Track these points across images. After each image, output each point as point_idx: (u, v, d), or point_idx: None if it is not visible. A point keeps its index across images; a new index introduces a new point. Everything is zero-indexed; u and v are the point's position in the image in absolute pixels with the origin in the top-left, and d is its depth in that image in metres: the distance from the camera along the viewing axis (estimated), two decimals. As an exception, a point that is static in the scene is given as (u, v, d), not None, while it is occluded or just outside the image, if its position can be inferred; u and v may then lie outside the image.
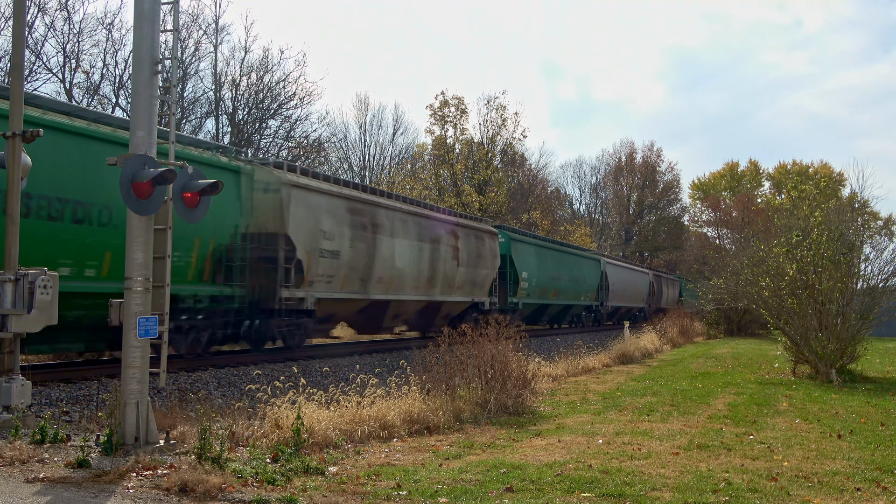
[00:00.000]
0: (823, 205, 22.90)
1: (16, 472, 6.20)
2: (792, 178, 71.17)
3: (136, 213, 7.04)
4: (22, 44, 8.40)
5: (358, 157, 49.11)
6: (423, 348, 11.39)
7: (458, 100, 44.95)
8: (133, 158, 6.95)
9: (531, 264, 29.94)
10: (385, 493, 6.06)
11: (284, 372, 13.57)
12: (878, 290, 17.14)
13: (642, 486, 6.36)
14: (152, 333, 7.16)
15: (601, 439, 8.72)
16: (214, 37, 33.82)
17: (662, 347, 27.20)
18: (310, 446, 7.66)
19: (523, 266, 29.03)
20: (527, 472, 6.85)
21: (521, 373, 11.43)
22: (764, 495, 6.20)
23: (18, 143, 8.07)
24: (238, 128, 34.22)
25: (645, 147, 73.28)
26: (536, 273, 30.28)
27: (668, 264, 66.91)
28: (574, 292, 35.72)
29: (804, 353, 16.54)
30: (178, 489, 5.78)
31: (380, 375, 10.78)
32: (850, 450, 8.31)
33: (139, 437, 7.02)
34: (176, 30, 8.06)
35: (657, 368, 19.50)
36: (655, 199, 69.63)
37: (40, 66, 27.62)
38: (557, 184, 68.86)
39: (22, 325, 7.76)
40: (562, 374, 16.95)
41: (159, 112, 7.55)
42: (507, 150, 48.10)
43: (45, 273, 7.92)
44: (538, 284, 30.53)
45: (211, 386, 12.52)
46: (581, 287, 36.81)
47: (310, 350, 18.14)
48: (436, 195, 43.79)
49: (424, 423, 9.30)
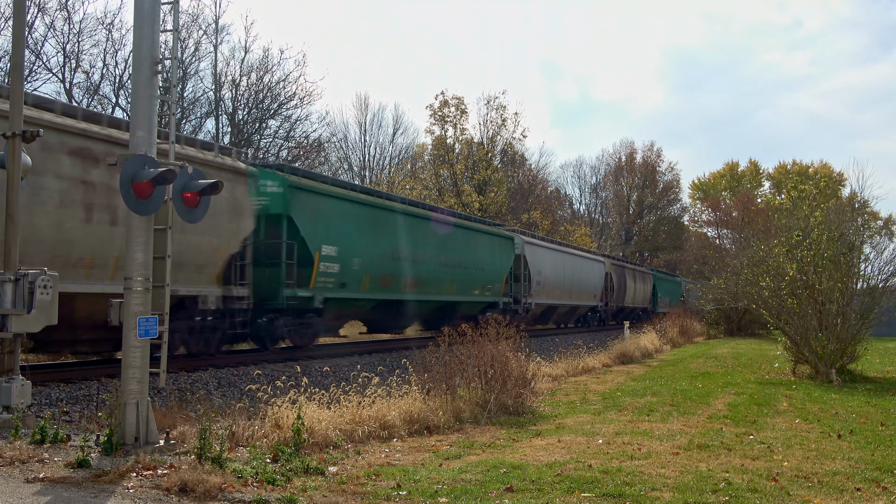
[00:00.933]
0: (823, 205, 22.94)
1: (16, 472, 6.20)
2: (792, 178, 71.24)
3: (136, 213, 7.04)
4: (22, 44, 8.40)
5: (358, 157, 49.18)
6: (423, 348, 11.38)
7: (458, 100, 45.04)
8: (133, 158, 6.95)
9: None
10: (385, 493, 6.06)
11: (285, 372, 13.57)
12: (878, 290, 17.13)
13: (642, 486, 6.36)
14: (152, 333, 7.15)
15: (601, 439, 8.71)
16: (214, 37, 33.90)
17: (662, 347, 27.23)
18: (310, 446, 7.66)
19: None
20: (527, 472, 6.85)
21: (521, 373, 11.42)
22: (764, 495, 6.20)
23: (18, 143, 8.09)
24: (238, 128, 34.24)
25: (645, 147, 73.45)
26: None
27: (668, 264, 66.89)
28: (463, 283, 23.61)
29: (804, 353, 16.53)
30: (178, 489, 5.78)
31: (380, 375, 10.78)
32: (850, 450, 8.31)
33: (139, 437, 7.01)
34: (176, 30, 8.06)
35: (657, 368, 19.50)
36: (655, 199, 69.66)
37: (40, 66, 27.69)
38: (557, 184, 69.02)
39: (22, 325, 7.76)
40: (562, 374, 16.96)
41: (159, 112, 7.55)
42: (507, 150, 48.14)
43: (45, 273, 7.92)
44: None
45: (211, 386, 12.52)
46: (478, 276, 24.78)
47: (310, 350, 18.18)
48: (436, 195, 43.79)
49: (424, 423, 9.30)
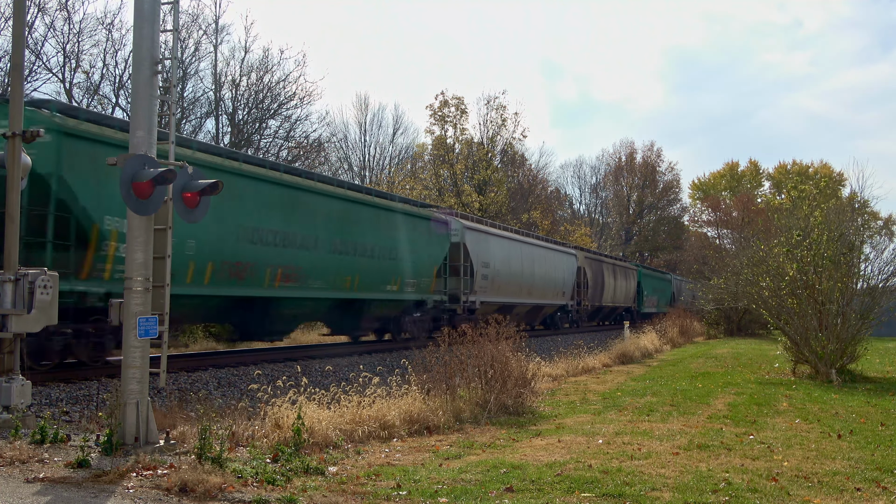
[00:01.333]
0: (823, 205, 22.93)
1: (16, 472, 6.20)
2: (792, 178, 71.25)
3: (136, 213, 7.04)
4: (22, 44, 8.40)
5: (358, 157, 49.12)
6: (423, 348, 11.38)
7: (457, 100, 44.97)
8: (133, 158, 6.96)
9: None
10: (385, 493, 6.06)
11: (285, 372, 13.58)
12: (878, 290, 17.13)
13: (642, 486, 6.36)
14: (152, 333, 7.16)
15: (601, 439, 8.71)
16: (214, 37, 33.83)
17: (662, 347, 27.26)
18: (310, 446, 7.66)
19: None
20: (527, 472, 6.85)
21: (521, 373, 11.42)
22: (764, 495, 6.20)
23: (18, 143, 8.09)
24: (238, 128, 34.23)
25: (645, 147, 73.46)
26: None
27: (668, 264, 66.87)
28: (369, 275, 18.73)
29: (804, 353, 16.53)
30: (179, 489, 5.78)
31: (381, 375, 10.78)
32: (850, 450, 8.31)
33: (139, 437, 7.01)
34: (176, 30, 8.06)
35: (657, 368, 19.51)
36: (655, 199, 69.64)
37: (40, 66, 27.60)
38: (557, 184, 68.95)
39: (22, 325, 7.76)
40: (562, 374, 16.96)
41: (159, 112, 7.56)
42: (507, 150, 48.10)
43: (45, 273, 7.92)
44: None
45: (211, 386, 12.52)
46: (392, 268, 19.91)
47: (310, 350, 18.18)
48: (436, 195, 43.77)
49: (424, 423, 9.30)
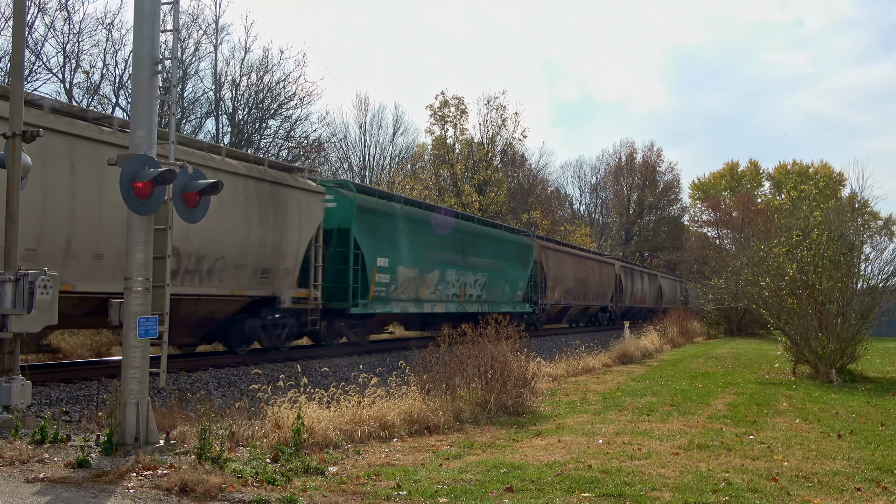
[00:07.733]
0: (823, 205, 22.91)
1: (16, 472, 6.20)
2: (792, 178, 71.20)
3: (136, 213, 7.04)
4: (22, 44, 8.40)
5: (358, 157, 49.15)
6: (423, 348, 11.38)
7: (458, 100, 44.90)
8: (133, 158, 6.96)
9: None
10: (385, 493, 6.06)
11: (285, 372, 13.56)
12: (878, 290, 17.14)
13: (642, 486, 6.36)
14: (152, 333, 7.15)
15: (601, 439, 8.71)
16: (214, 37, 33.85)
17: (662, 347, 27.24)
18: (310, 446, 7.66)
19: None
20: (527, 472, 6.85)
21: (521, 373, 11.42)
22: (764, 495, 6.20)
23: (18, 143, 8.09)
24: (238, 128, 34.23)
25: (645, 147, 73.36)
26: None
27: (668, 264, 66.86)
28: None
29: (804, 353, 16.53)
30: (179, 489, 5.78)
31: (380, 375, 10.78)
32: (850, 450, 8.31)
33: (139, 437, 7.01)
34: (176, 30, 8.06)
35: (657, 368, 19.51)
36: (655, 199, 69.62)
37: (40, 66, 27.62)
38: (557, 184, 68.96)
39: (22, 325, 7.76)
40: (562, 374, 16.96)
41: (159, 112, 7.56)
42: (507, 150, 48.04)
43: (45, 273, 7.92)
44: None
45: (211, 386, 12.52)
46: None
47: (310, 350, 18.20)
48: (436, 195, 43.76)
49: (424, 423, 9.30)
